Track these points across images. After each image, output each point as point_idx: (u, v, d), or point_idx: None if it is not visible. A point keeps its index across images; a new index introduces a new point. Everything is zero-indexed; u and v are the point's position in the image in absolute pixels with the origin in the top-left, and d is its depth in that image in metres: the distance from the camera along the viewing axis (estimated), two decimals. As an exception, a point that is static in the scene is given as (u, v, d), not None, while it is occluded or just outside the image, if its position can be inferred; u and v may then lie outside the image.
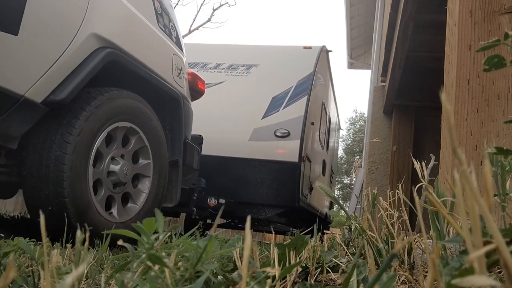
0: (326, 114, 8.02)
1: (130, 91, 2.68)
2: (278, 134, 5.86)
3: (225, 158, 5.70)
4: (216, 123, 5.84)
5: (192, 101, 3.63)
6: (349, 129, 31.90)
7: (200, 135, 3.98)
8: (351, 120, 32.49)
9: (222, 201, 5.56)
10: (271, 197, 5.70)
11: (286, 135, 5.84)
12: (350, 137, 31.68)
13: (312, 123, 6.32)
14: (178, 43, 3.43)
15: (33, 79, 2.06)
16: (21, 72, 2.02)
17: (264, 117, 6.01)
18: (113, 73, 2.61)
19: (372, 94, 6.40)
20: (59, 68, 2.17)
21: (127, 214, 2.63)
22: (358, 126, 30.86)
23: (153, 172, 2.82)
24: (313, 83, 6.34)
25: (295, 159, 5.72)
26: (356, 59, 10.74)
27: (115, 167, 2.51)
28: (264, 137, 5.87)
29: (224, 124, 5.92)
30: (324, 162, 8.03)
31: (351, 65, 11.00)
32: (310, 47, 6.87)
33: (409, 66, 4.92)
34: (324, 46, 7.01)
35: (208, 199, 5.48)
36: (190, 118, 3.49)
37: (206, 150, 4.70)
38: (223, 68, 6.70)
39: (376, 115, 6.16)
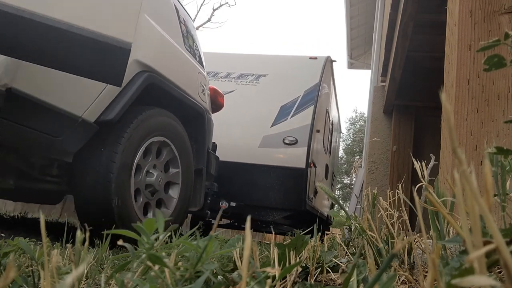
0: (329, 120, 8.39)
1: (164, 109, 3.00)
2: (286, 141, 6.25)
3: (236, 163, 6.03)
4: (228, 130, 6.09)
5: (212, 113, 3.97)
6: (349, 129, 31.90)
7: (214, 142, 4.19)
8: (351, 120, 32.49)
9: (233, 204, 5.98)
10: (279, 200, 6.05)
11: (294, 143, 6.23)
12: (350, 137, 31.67)
13: (318, 131, 6.67)
14: (200, 61, 3.80)
15: (88, 102, 2.40)
16: (81, 97, 2.37)
17: (273, 125, 6.41)
18: (150, 93, 2.86)
19: (372, 94, 6.40)
20: (108, 91, 2.48)
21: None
22: (358, 126, 30.85)
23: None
24: (319, 93, 6.72)
25: (303, 165, 6.09)
26: (356, 59, 10.73)
27: (151, 177, 2.82)
28: (273, 144, 6.27)
29: (236, 132, 6.26)
30: (327, 166, 8.36)
31: (351, 65, 11.00)
32: (315, 58, 7.26)
33: (409, 66, 4.91)
34: (328, 57, 7.40)
35: (220, 202, 5.85)
36: (212, 130, 3.84)
37: (219, 155, 4.95)
38: (233, 77, 7.10)
39: (376, 115, 6.16)
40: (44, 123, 2.22)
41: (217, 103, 4.15)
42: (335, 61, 7.96)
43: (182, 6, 3.60)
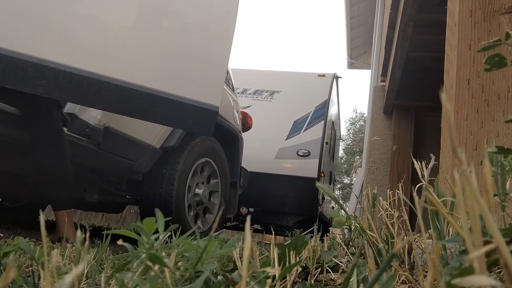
0: (334, 131, 9.16)
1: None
2: (300, 153, 6.99)
3: (255, 173, 6.50)
4: (247, 143, 6.51)
5: (242, 132, 4.58)
6: (349, 129, 31.87)
7: None
8: (351, 120, 32.45)
9: (251, 210, 6.64)
10: (293, 207, 6.73)
11: (307, 155, 6.96)
12: (350, 137, 31.63)
13: (327, 143, 7.43)
14: (233, 89, 4.47)
15: (156, 132, 3.05)
16: (151, 129, 2.98)
17: (287, 138, 7.15)
18: None
19: (372, 94, 6.39)
20: None
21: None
22: (358, 126, 30.82)
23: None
24: (328, 109, 7.53)
25: (315, 175, 6.82)
26: (356, 59, 10.72)
27: (199, 192, 3.38)
28: (288, 155, 7.00)
29: (254, 144, 6.76)
30: (331, 173, 9.05)
31: (351, 65, 10.99)
32: (323, 75, 8.11)
33: (409, 66, 4.91)
34: (335, 73, 8.26)
35: (241, 208, 6.49)
36: (243, 147, 4.45)
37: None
38: (250, 93, 7.83)
39: (376, 115, 6.15)
40: (128, 151, 2.88)
41: (246, 124, 4.89)
42: (340, 77, 8.79)
43: None
